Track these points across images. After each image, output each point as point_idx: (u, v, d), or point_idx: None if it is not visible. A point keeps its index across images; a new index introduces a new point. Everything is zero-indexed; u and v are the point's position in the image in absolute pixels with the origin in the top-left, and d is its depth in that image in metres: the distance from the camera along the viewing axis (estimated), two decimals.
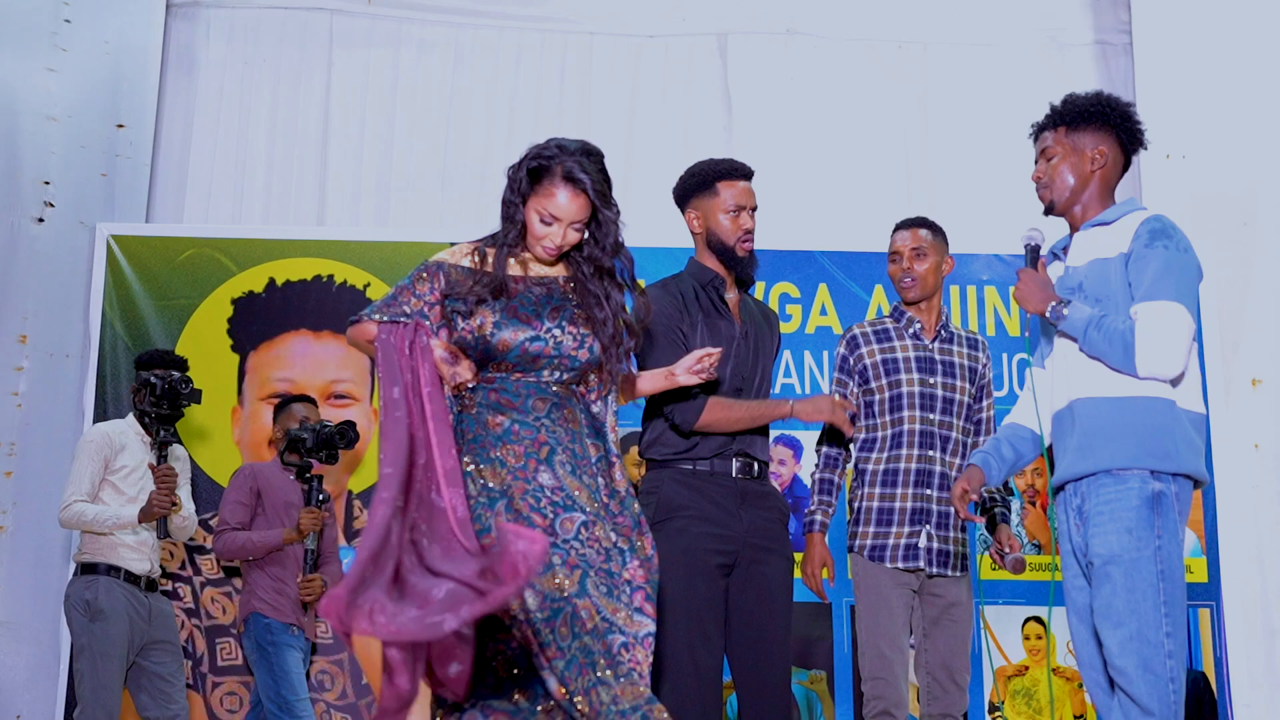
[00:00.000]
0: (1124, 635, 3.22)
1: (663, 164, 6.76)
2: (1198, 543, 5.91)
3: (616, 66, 6.97)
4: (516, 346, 3.37)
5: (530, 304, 3.43)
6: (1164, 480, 3.28)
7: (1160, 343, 3.25)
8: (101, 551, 5.02)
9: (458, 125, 6.86)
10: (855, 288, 6.01)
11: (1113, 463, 3.32)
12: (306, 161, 6.80)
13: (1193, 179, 6.46)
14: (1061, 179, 3.52)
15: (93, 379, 5.94)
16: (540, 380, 3.42)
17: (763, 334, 4.01)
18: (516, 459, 3.31)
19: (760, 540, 3.84)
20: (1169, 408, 3.31)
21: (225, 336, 6.04)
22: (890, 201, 6.72)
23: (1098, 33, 6.99)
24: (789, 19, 6.98)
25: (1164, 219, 3.40)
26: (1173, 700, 3.18)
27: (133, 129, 6.51)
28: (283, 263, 6.09)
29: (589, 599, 3.17)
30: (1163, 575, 3.23)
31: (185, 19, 6.86)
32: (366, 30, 6.94)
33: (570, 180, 3.44)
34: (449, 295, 3.38)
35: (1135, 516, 3.26)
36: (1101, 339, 3.31)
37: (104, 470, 5.04)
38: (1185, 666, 3.24)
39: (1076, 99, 3.58)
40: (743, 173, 3.98)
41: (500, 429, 3.34)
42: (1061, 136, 3.54)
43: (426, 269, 3.42)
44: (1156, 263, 3.30)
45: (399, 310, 3.36)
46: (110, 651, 4.94)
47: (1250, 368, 6.27)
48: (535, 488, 3.29)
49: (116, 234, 6.08)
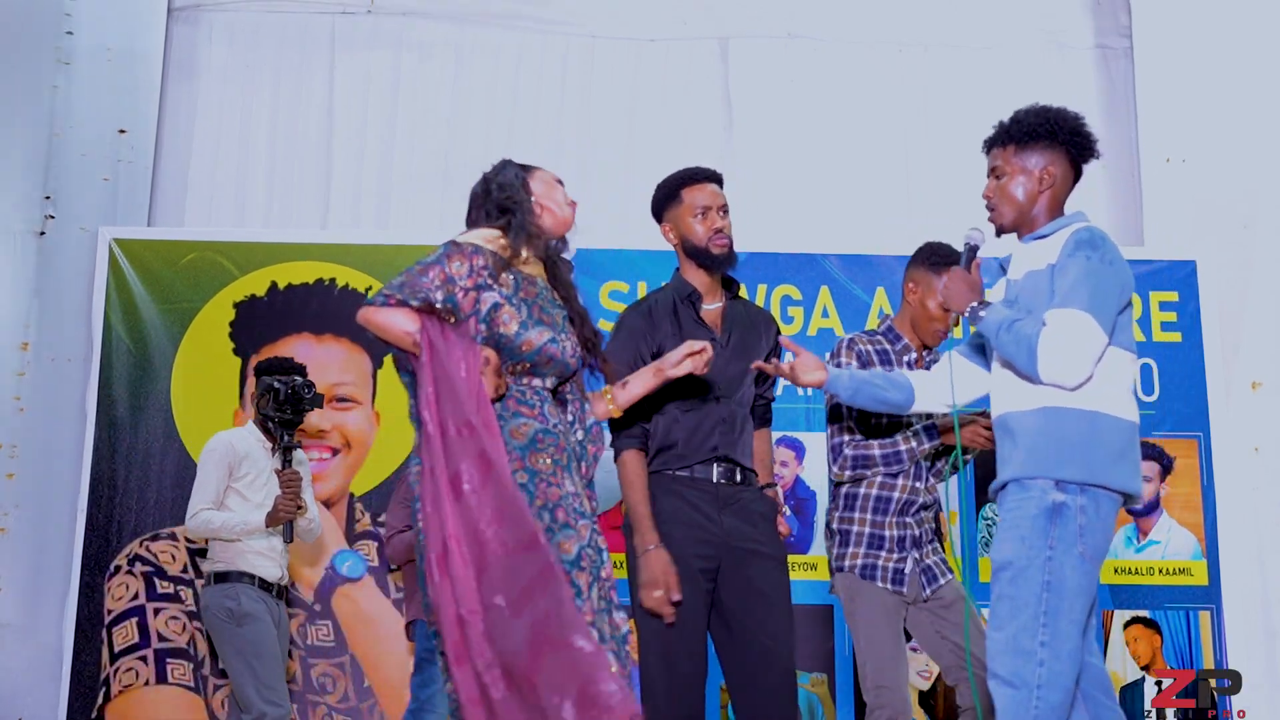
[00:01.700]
0: (1000, 639, 3.23)
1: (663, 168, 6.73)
2: (1198, 545, 5.92)
3: (617, 70, 6.97)
4: (539, 348, 3.36)
5: (546, 305, 3.45)
6: (1069, 491, 3.24)
7: (1063, 349, 3.22)
8: (234, 559, 4.97)
9: (459, 128, 6.86)
10: (857, 290, 6.02)
11: (1020, 472, 3.31)
12: (308, 165, 6.80)
13: (1193, 183, 6.47)
14: (1010, 199, 3.50)
15: (95, 382, 5.94)
16: (545, 384, 3.43)
17: (750, 338, 3.98)
18: (548, 466, 3.32)
19: (744, 544, 3.82)
20: (1089, 418, 3.27)
21: (227, 340, 6.05)
22: (891, 204, 6.74)
23: (1098, 36, 6.99)
24: (790, 22, 6.98)
25: (1094, 230, 3.37)
26: (1035, 710, 3.15)
27: (134, 133, 6.51)
28: (285, 266, 6.10)
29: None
30: (1048, 586, 3.19)
31: (187, 23, 6.86)
32: (367, 33, 6.94)
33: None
34: (489, 286, 3.32)
35: (1030, 526, 3.24)
36: (1010, 341, 3.30)
37: (228, 478, 5.02)
38: (1067, 680, 3.17)
39: (1025, 117, 3.52)
40: (705, 175, 4.01)
41: (525, 437, 3.32)
42: (1010, 155, 3.51)
43: (461, 249, 3.33)
44: (1075, 272, 3.27)
45: (431, 294, 3.23)
46: (263, 651, 4.92)
47: (1250, 371, 6.27)
48: (565, 494, 3.32)
49: (119, 238, 6.08)
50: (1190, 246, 6.25)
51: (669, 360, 3.59)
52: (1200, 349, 6.08)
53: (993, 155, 3.56)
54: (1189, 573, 5.91)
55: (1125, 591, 5.87)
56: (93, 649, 5.77)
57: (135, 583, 5.83)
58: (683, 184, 3.99)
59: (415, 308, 3.23)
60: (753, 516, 3.87)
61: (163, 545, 5.86)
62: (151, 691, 5.75)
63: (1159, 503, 5.95)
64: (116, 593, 5.82)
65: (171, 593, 5.81)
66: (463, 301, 3.27)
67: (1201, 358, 6.07)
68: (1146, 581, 5.88)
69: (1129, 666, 5.80)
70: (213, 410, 5.96)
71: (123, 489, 5.89)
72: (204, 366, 6.00)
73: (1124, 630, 5.84)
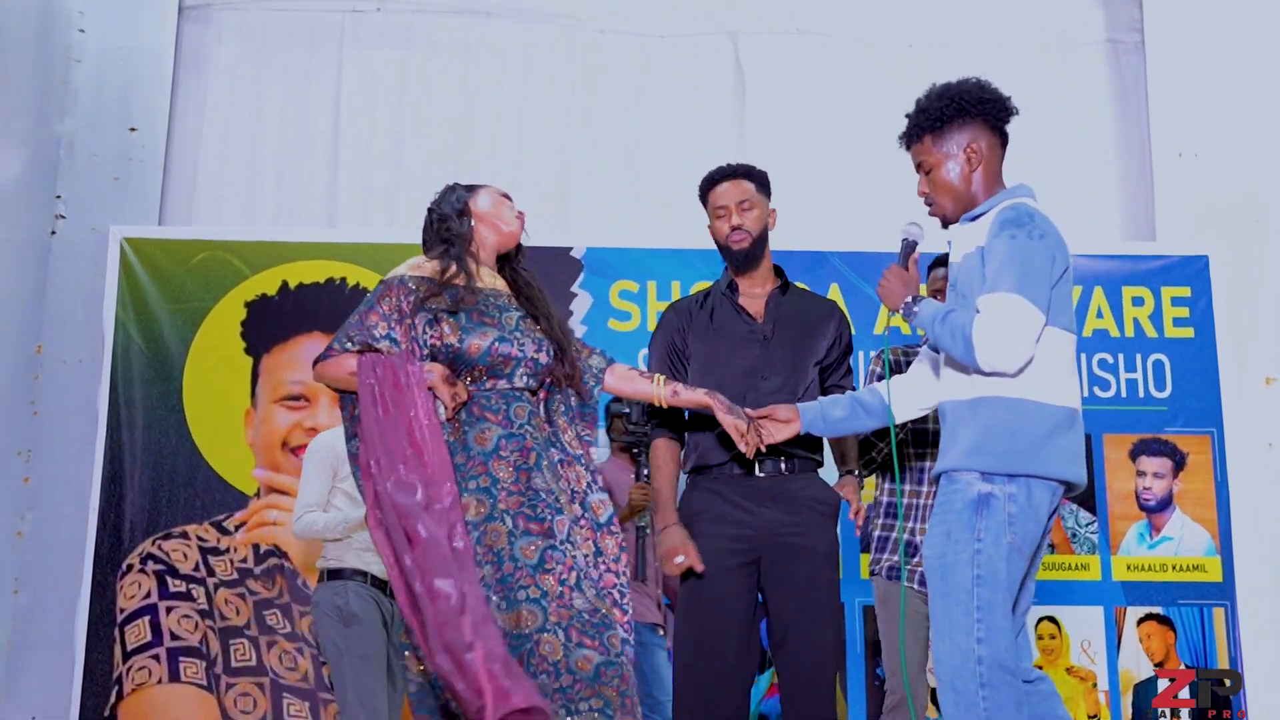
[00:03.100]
0: (939, 641, 3.16)
1: (671, 165, 6.78)
2: (1211, 542, 5.90)
3: (626, 65, 6.96)
4: (487, 349, 3.50)
5: (491, 309, 3.59)
6: (995, 481, 3.14)
7: (997, 335, 3.11)
8: (344, 555, 4.93)
9: (467, 125, 6.86)
10: (867, 288, 6.00)
11: (949, 464, 3.23)
12: (317, 163, 6.81)
13: (1205, 178, 6.45)
14: (945, 187, 3.39)
15: (107, 383, 5.95)
16: (514, 386, 3.56)
17: (802, 329, 3.98)
18: (508, 474, 3.43)
19: (785, 537, 3.79)
20: (1013, 406, 3.17)
21: (238, 339, 6.05)
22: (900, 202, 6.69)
23: (1109, 31, 6.97)
24: (799, 18, 6.96)
25: (1020, 207, 3.23)
26: (983, 708, 3.06)
27: (145, 132, 6.52)
28: (295, 265, 6.10)
29: (550, 634, 3.29)
30: (979, 580, 3.11)
31: (197, 22, 6.86)
32: (376, 30, 6.94)
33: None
34: (419, 307, 3.50)
35: (956, 519, 3.16)
36: (945, 334, 3.21)
37: (333, 479, 4.99)
38: (1008, 672, 3.09)
39: (929, 104, 3.41)
40: (721, 175, 4.05)
41: (489, 444, 3.46)
42: (930, 146, 3.40)
43: (389, 286, 3.55)
44: (1002, 253, 3.15)
45: (370, 335, 3.48)
46: (368, 653, 4.86)
47: (1263, 366, 6.25)
48: (531, 495, 3.43)
49: (130, 237, 6.09)
50: (1202, 242, 6.22)
51: (728, 408, 3.68)
52: (1213, 344, 6.05)
53: (914, 152, 3.45)
54: (1203, 569, 5.89)
55: (1139, 588, 5.86)
56: (105, 648, 5.78)
57: (147, 581, 5.84)
58: (706, 189, 4.06)
59: (356, 351, 3.45)
60: (798, 506, 3.83)
61: (175, 544, 5.87)
62: (164, 690, 5.75)
63: (1172, 499, 5.94)
64: (129, 591, 5.82)
65: (184, 591, 5.81)
66: (400, 335, 3.49)
67: (1214, 353, 6.05)
68: (1160, 578, 5.87)
69: (1143, 663, 5.79)
70: (224, 409, 5.97)
71: (135, 488, 5.89)
72: (216, 366, 6.00)
73: (1138, 627, 5.82)
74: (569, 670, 3.28)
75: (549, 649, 3.28)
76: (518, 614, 3.30)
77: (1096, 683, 5.76)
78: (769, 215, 4.05)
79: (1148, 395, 5.95)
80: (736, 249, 3.97)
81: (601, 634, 3.35)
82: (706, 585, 3.78)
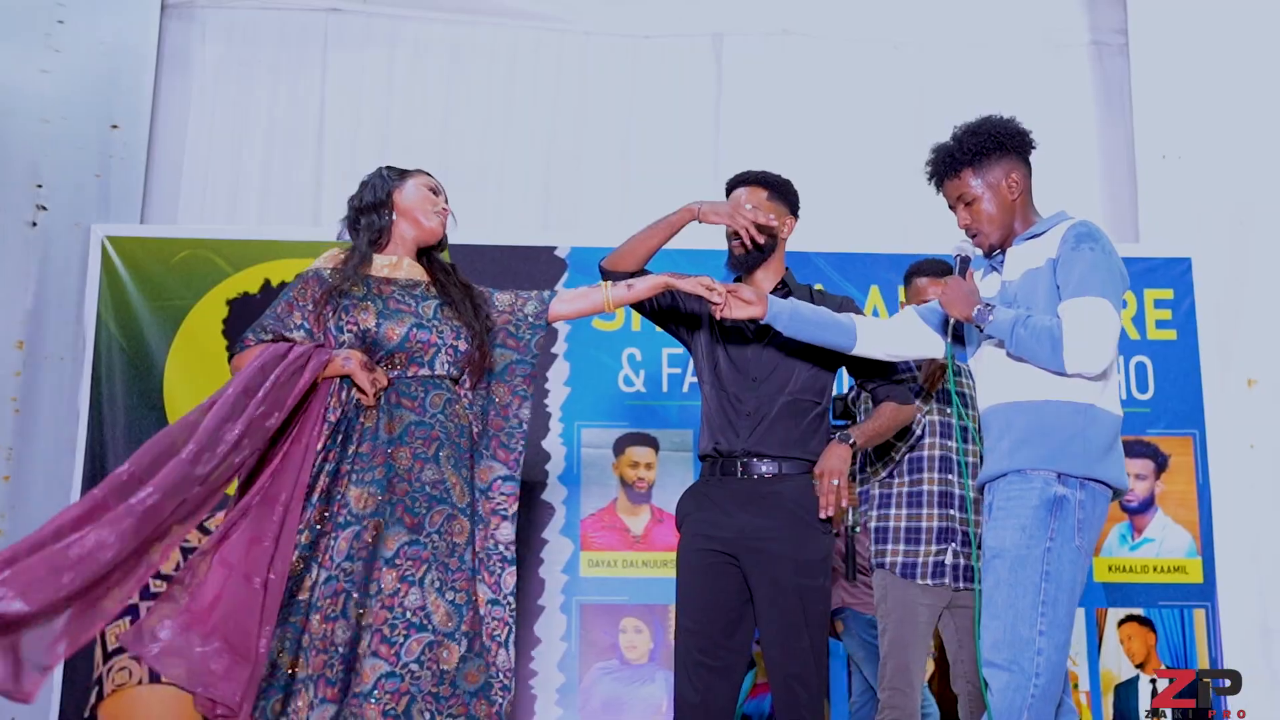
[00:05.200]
0: (998, 628, 3.28)
1: (657, 165, 6.79)
2: (1193, 543, 5.91)
3: (612, 66, 6.96)
4: (405, 335, 3.57)
5: (407, 298, 3.65)
6: (1070, 485, 3.31)
7: (1087, 337, 3.27)
8: None
9: (453, 124, 6.86)
10: (851, 289, 6.00)
11: (1023, 464, 3.35)
12: (302, 162, 6.79)
13: (1189, 179, 6.47)
14: (990, 219, 3.56)
15: (88, 381, 5.91)
16: (434, 374, 3.61)
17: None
18: (406, 461, 3.50)
19: (759, 543, 3.81)
20: (1087, 411, 3.34)
21: (220, 338, 6.03)
22: (885, 202, 6.73)
23: (1094, 33, 6.99)
24: (784, 19, 6.97)
25: (1090, 224, 3.43)
26: (1033, 697, 3.21)
27: (127, 129, 6.49)
28: (278, 263, 6.08)
29: (363, 635, 3.36)
30: (1047, 576, 3.26)
31: (180, 19, 6.84)
32: (362, 30, 6.92)
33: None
34: (331, 295, 3.57)
35: (1032, 516, 3.29)
36: (1029, 336, 3.33)
37: None
38: (1061, 668, 3.27)
39: (969, 138, 3.58)
40: (739, 180, 4.14)
41: (396, 431, 3.52)
42: (970, 179, 3.56)
43: (303, 279, 3.63)
44: (1084, 263, 3.32)
45: (283, 325, 3.56)
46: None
47: (1246, 368, 6.27)
48: (418, 488, 3.49)
49: (111, 235, 6.06)
50: (1186, 243, 6.24)
51: (680, 277, 3.83)
52: (1195, 346, 6.07)
53: (951, 186, 3.61)
54: (1184, 570, 5.90)
55: (1120, 589, 5.87)
56: (85, 648, 5.74)
57: None
58: (727, 192, 4.14)
59: (268, 341, 3.54)
60: (780, 512, 3.83)
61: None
62: (144, 691, 5.73)
63: (1154, 500, 5.95)
64: None
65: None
66: (314, 325, 3.57)
67: (1197, 355, 6.06)
68: (1141, 579, 5.88)
69: (1124, 665, 5.80)
70: None
71: None
72: (197, 364, 5.97)
73: (1118, 628, 5.83)
74: (356, 673, 3.34)
75: (360, 648, 3.33)
76: (365, 609, 3.37)
77: (1078, 684, 5.77)
78: (782, 223, 4.08)
79: (1130, 397, 5.96)
80: (734, 254, 4.05)
81: (408, 637, 3.37)
82: (688, 583, 3.90)
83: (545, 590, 5.78)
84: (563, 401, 5.94)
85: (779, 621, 3.78)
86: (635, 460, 5.93)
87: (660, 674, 5.72)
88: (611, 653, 5.77)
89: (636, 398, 5.98)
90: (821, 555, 3.85)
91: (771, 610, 3.79)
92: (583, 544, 5.85)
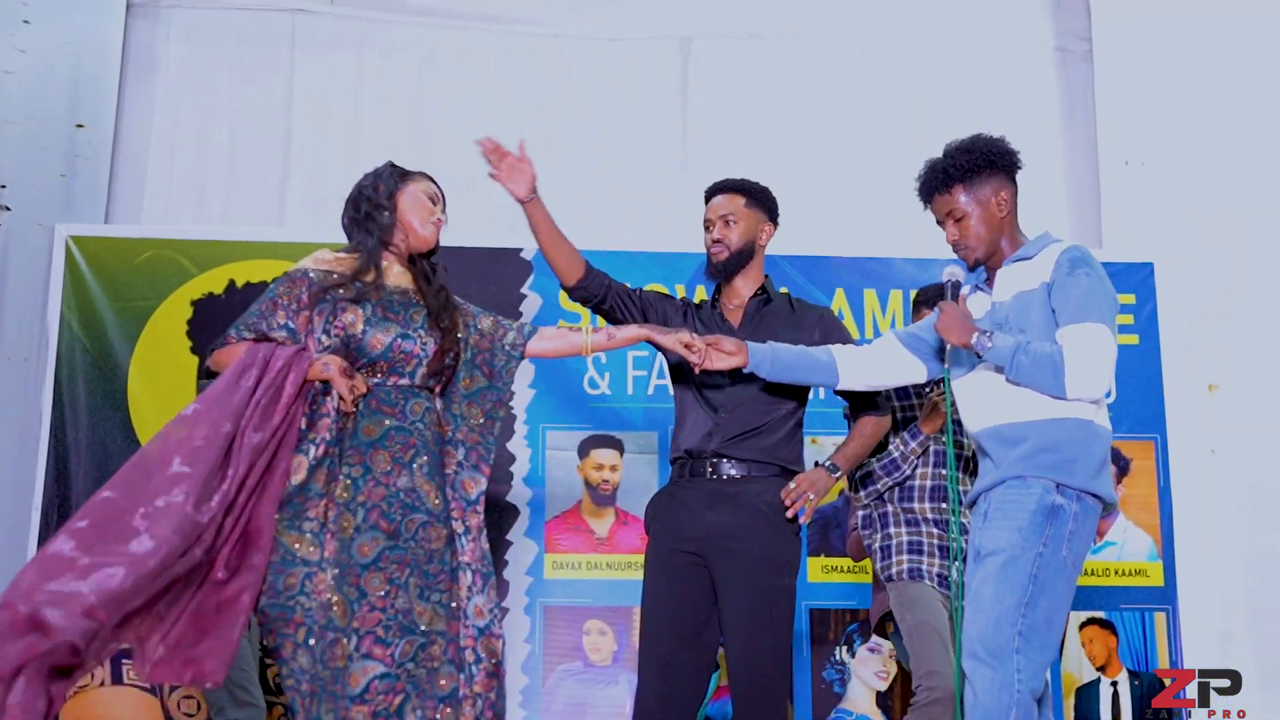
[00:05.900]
0: (983, 622, 3.33)
1: (626, 167, 6.79)
2: (1154, 546, 5.96)
3: (582, 69, 6.96)
4: (389, 345, 3.56)
5: (396, 305, 3.64)
6: (1067, 496, 3.38)
7: (1088, 363, 3.35)
8: None
9: (421, 126, 6.84)
10: (816, 291, 6.03)
11: (1023, 471, 3.42)
12: (268, 163, 6.75)
13: (1152, 185, 6.51)
14: (978, 236, 3.64)
15: (50, 381, 5.88)
16: (414, 384, 3.62)
17: (779, 337, 4.03)
18: (384, 465, 3.51)
19: (724, 541, 3.85)
20: (1084, 426, 3.43)
21: (185, 338, 6.01)
22: (850, 206, 6.74)
23: (1058, 39, 7.03)
24: (752, 23, 6.99)
25: (1082, 249, 3.54)
26: (1016, 692, 3.26)
27: (92, 129, 6.45)
28: (243, 264, 6.06)
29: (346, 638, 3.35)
30: (1035, 579, 3.32)
31: (146, 18, 6.80)
32: (330, 31, 6.90)
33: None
34: (319, 299, 3.54)
35: (1029, 519, 3.36)
36: (1030, 363, 3.39)
37: None
38: (1043, 669, 3.34)
39: (961, 155, 3.64)
40: (716, 188, 4.22)
41: (375, 435, 3.53)
42: (960, 195, 3.63)
43: (292, 278, 3.61)
44: (1080, 289, 3.41)
45: (267, 324, 3.54)
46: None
47: (1207, 373, 6.32)
48: (393, 493, 3.49)
49: (75, 235, 6.03)
50: (1148, 249, 6.28)
51: (662, 332, 3.83)
52: (1158, 351, 6.11)
53: (941, 201, 3.67)
54: (1145, 574, 5.94)
55: (1081, 592, 5.80)
56: None
57: None
58: (705, 200, 4.20)
59: (251, 339, 3.53)
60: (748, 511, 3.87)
61: None
62: (107, 692, 5.70)
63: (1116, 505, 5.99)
64: None
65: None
66: (298, 326, 3.55)
67: (1159, 359, 6.11)
68: (1102, 583, 5.92)
69: (1085, 667, 5.84)
70: (170, 409, 5.87)
71: (79, 489, 5.81)
72: (161, 365, 5.95)
73: (1080, 631, 5.87)
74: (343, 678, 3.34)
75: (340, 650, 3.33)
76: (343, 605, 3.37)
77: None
78: (760, 230, 4.13)
79: None
80: (713, 261, 4.10)
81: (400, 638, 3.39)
82: (652, 585, 3.93)
83: (509, 592, 5.78)
84: (528, 404, 5.95)
85: (744, 620, 3.80)
86: (600, 463, 5.93)
87: (624, 676, 5.73)
88: (576, 655, 5.77)
89: (601, 400, 5.99)
90: (790, 555, 3.89)
91: (737, 609, 3.81)
92: (547, 546, 5.86)
